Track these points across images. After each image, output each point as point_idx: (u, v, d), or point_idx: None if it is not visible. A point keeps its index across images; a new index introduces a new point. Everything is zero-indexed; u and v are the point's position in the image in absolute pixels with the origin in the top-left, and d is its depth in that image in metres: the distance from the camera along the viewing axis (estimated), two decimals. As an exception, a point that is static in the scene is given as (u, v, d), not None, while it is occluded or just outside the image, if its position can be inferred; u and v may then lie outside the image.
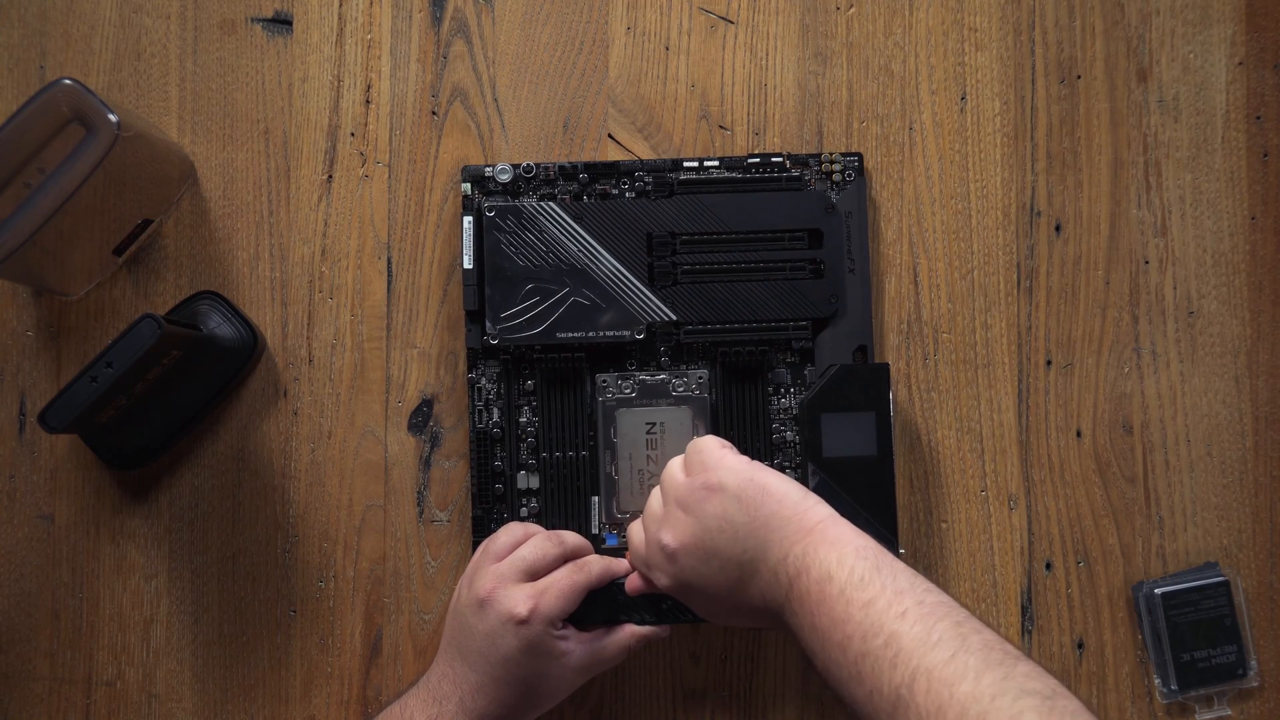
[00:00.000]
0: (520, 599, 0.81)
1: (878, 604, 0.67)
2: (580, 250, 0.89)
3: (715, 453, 0.80)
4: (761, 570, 0.75)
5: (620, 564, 0.86)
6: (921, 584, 0.69)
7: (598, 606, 0.85)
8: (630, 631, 0.86)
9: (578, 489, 0.91)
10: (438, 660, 0.84)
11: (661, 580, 0.80)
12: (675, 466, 0.82)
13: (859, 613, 0.68)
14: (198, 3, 0.94)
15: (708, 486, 0.78)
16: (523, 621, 0.80)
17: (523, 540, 0.85)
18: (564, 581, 0.82)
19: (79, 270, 0.90)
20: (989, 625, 0.67)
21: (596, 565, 0.85)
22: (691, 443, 0.82)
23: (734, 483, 0.77)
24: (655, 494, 0.83)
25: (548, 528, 0.89)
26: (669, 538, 0.79)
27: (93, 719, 0.91)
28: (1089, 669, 0.92)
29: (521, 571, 0.83)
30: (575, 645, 0.83)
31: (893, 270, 0.93)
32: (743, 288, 0.90)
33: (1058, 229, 0.94)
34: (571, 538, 0.87)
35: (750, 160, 0.92)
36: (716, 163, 0.92)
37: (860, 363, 0.90)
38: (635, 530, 0.84)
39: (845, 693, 0.68)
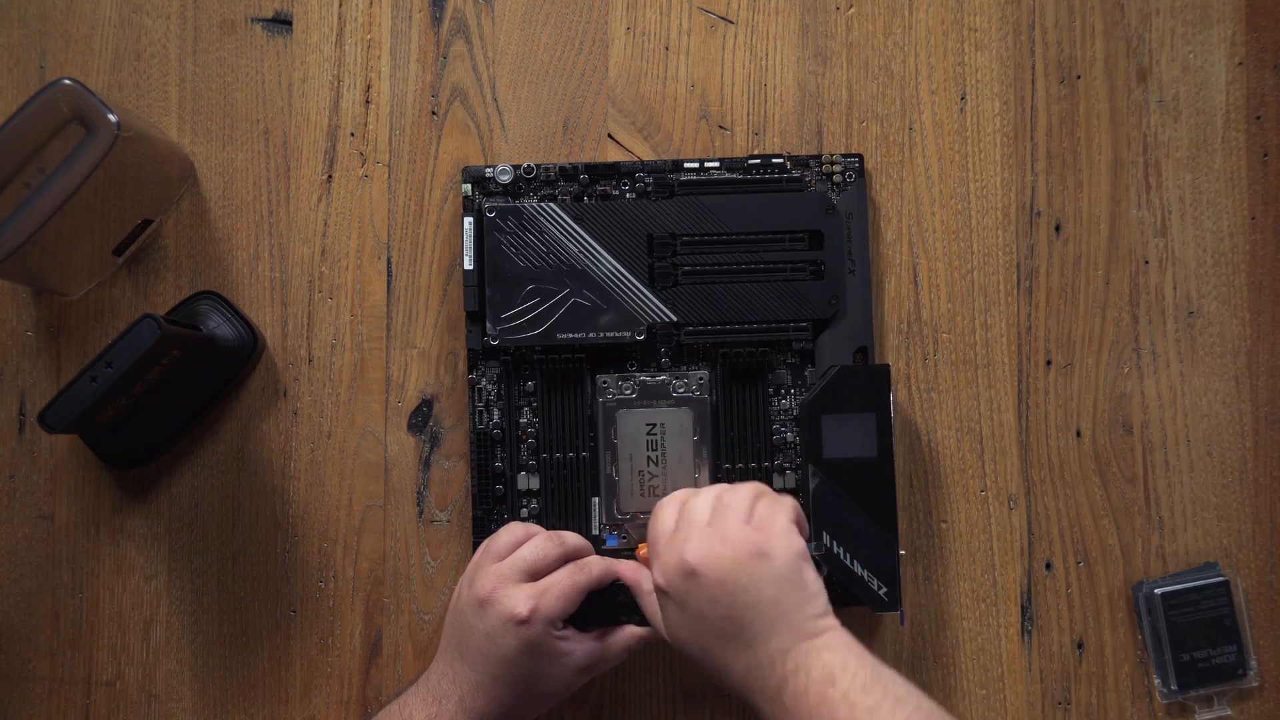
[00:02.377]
0: (521, 599, 0.80)
1: (880, 710, 0.69)
2: (581, 251, 0.89)
3: (785, 519, 0.79)
4: (757, 649, 0.75)
5: (621, 565, 0.86)
6: (916, 692, 0.71)
7: (599, 607, 0.85)
8: (630, 632, 0.86)
9: (578, 490, 0.91)
10: (437, 659, 0.84)
11: (657, 577, 0.80)
12: (742, 498, 0.80)
13: (864, 717, 0.69)
14: (198, 3, 0.94)
15: (759, 548, 0.76)
16: (523, 622, 0.80)
17: (523, 540, 0.85)
18: (565, 582, 0.82)
19: (79, 270, 0.90)
20: None
21: (597, 566, 0.85)
22: (776, 494, 0.82)
23: (782, 559, 0.76)
24: (703, 500, 0.81)
25: (548, 529, 0.89)
26: (695, 556, 0.77)
27: (92, 719, 0.91)
28: (1089, 669, 0.92)
29: (522, 572, 0.83)
30: (575, 646, 0.83)
31: (893, 270, 0.93)
32: (743, 289, 0.90)
33: (1057, 229, 0.94)
34: (572, 538, 0.87)
35: (751, 161, 0.92)
36: (717, 164, 0.92)
37: (861, 364, 0.90)
38: (666, 511, 0.82)
39: None
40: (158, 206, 0.92)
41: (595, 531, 0.91)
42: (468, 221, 0.90)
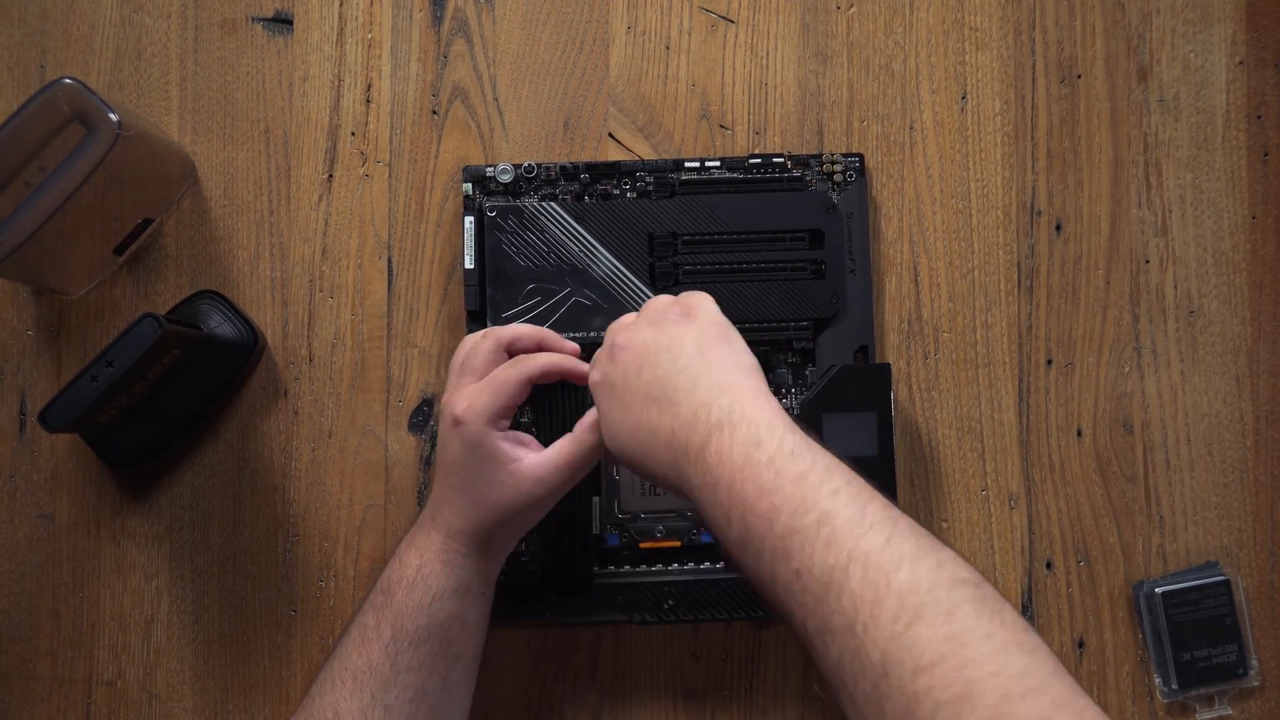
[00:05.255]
0: (458, 399, 0.79)
1: (809, 479, 0.62)
2: (581, 250, 0.89)
3: (706, 299, 0.77)
4: (681, 405, 0.70)
5: (571, 358, 0.84)
6: (844, 466, 0.65)
7: (596, 604, 0.86)
8: (580, 425, 0.81)
9: (578, 489, 0.90)
10: None
11: (593, 374, 0.76)
12: (664, 296, 0.79)
13: (790, 485, 0.63)
14: (198, 2, 0.94)
15: (684, 312, 0.75)
16: (459, 421, 0.78)
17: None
18: (499, 376, 0.80)
19: (79, 269, 0.90)
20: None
21: (541, 359, 0.82)
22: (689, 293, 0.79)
23: (705, 319, 0.74)
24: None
25: (547, 529, 0.89)
26: (623, 338, 0.75)
27: (93, 718, 0.91)
28: (1089, 668, 0.92)
29: (466, 375, 0.81)
30: (522, 451, 0.80)
31: (893, 270, 0.93)
32: (744, 288, 0.90)
33: (1058, 228, 0.94)
34: (510, 331, 0.83)
35: (751, 160, 0.92)
36: (718, 163, 0.92)
37: (861, 363, 0.90)
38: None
39: (764, 569, 0.63)
40: (158, 206, 0.92)
41: (596, 530, 0.90)
42: (468, 221, 0.90)
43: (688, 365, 0.71)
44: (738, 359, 0.72)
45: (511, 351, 0.83)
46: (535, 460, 0.80)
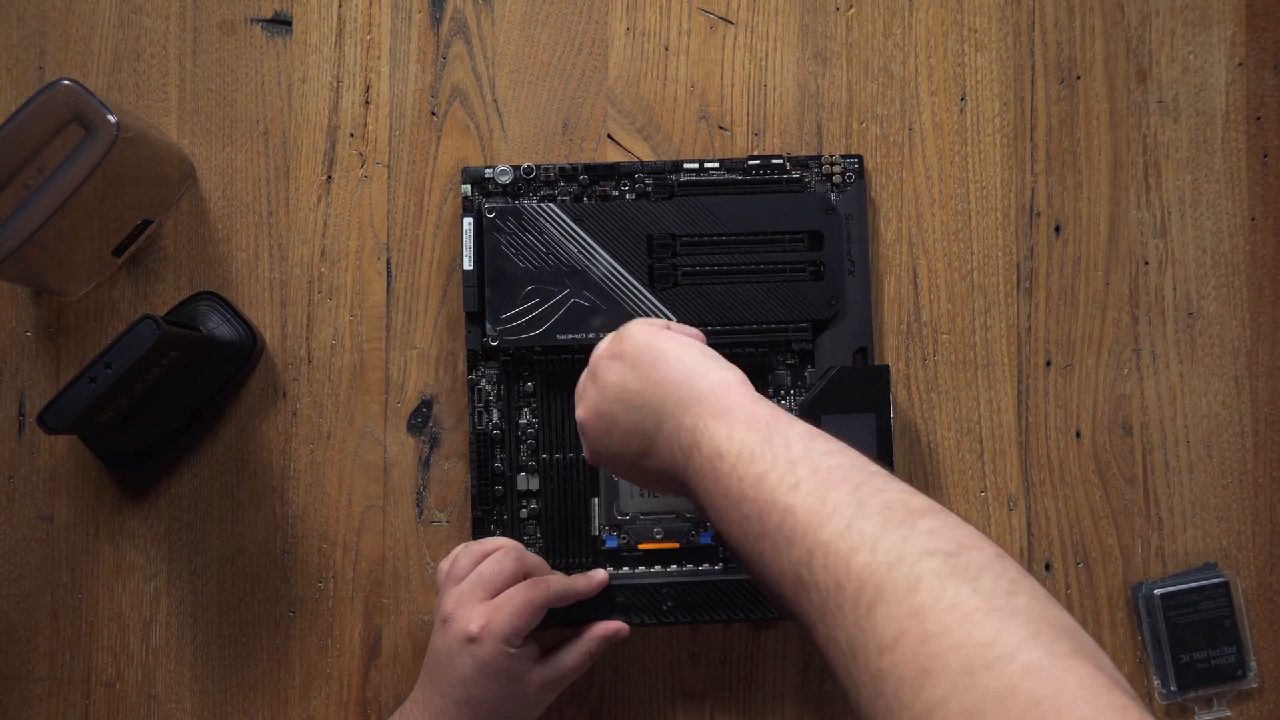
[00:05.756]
0: (474, 617, 0.79)
1: (769, 479, 0.60)
2: (580, 252, 0.89)
3: (630, 325, 0.75)
4: (659, 442, 0.69)
5: (581, 581, 0.86)
6: (819, 448, 0.61)
7: (595, 607, 0.86)
8: (589, 637, 0.85)
9: (578, 490, 0.91)
10: (415, 686, 0.83)
11: (585, 453, 0.76)
12: (603, 341, 0.77)
13: (751, 490, 0.60)
14: (197, 3, 0.94)
15: (612, 354, 0.73)
16: (473, 640, 0.79)
17: (481, 559, 0.84)
18: (518, 598, 0.81)
19: (78, 271, 0.90)
20: (899, 479, 0.59)
21: (555, 582, 0.84)
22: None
23: (631, 347, 0.72)
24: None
25: (546, 530, 0.90)
26: (580, 411, 0.74)
27: (92, 719, 0.91)
28: (1088, 670, 0.92)
29: (480, 589, 0.81)
30: (531, 665, 0.82)
31: (892, 271, 0.93)
32: (743, 289, 0.90)
33: (1057, 230, 0.94)
34: (532, 556, 0.86)
35: (750, 162, 0.92)
36: (717, 164, 0.92)
37: (860, 364, 0.90)
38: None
39: (755, 576, 0.62)
40: (157, 207, 0.92)
41: (595, 532, 0.91)
42: (467, 222, 0.90)
43: (642, 404, 0.70)
44: (683, 365, 0.70)
45: (527, 575, 0.85)
46: (544, 670, 0.83)
